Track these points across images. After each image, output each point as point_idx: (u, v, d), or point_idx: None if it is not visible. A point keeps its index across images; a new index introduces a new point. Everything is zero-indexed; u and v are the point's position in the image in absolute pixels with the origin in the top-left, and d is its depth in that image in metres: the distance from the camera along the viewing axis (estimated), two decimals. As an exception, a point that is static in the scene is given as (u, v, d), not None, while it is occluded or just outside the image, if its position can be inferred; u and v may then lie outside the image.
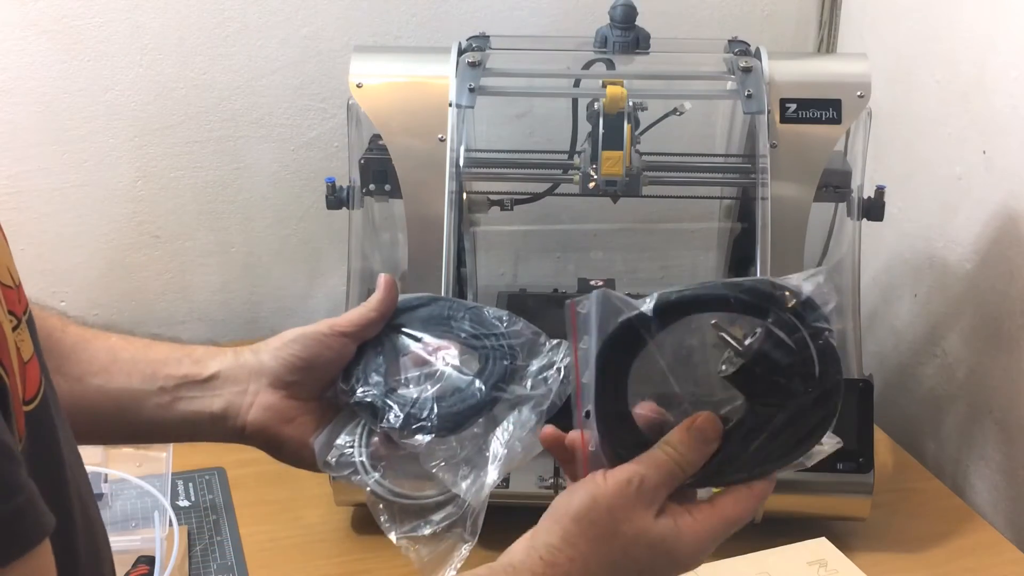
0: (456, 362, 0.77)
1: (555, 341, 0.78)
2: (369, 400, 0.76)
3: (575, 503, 0.64)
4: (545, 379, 0.77)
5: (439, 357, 0.78)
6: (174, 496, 1.16)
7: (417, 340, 0.79)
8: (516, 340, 0.78)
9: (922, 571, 1.09)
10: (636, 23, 1.21)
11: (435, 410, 0.74)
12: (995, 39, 1.22)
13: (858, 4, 1.51)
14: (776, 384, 0.63)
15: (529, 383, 0.76)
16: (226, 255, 1.52)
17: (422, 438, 0.74)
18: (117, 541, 1.02)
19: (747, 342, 0.64)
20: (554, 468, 1.11)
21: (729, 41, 1.26)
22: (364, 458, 0.76)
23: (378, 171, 1.15)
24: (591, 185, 1.13)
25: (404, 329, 0.80)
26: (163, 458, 1.12)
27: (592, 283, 1.39)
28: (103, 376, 0.77)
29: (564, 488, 0.68)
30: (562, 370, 0.76)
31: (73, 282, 1.47)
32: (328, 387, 0.79)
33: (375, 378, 0.78)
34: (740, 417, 0.65)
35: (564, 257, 1.56)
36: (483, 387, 0.75)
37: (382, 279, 0.80)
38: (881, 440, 1.29)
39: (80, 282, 1.47)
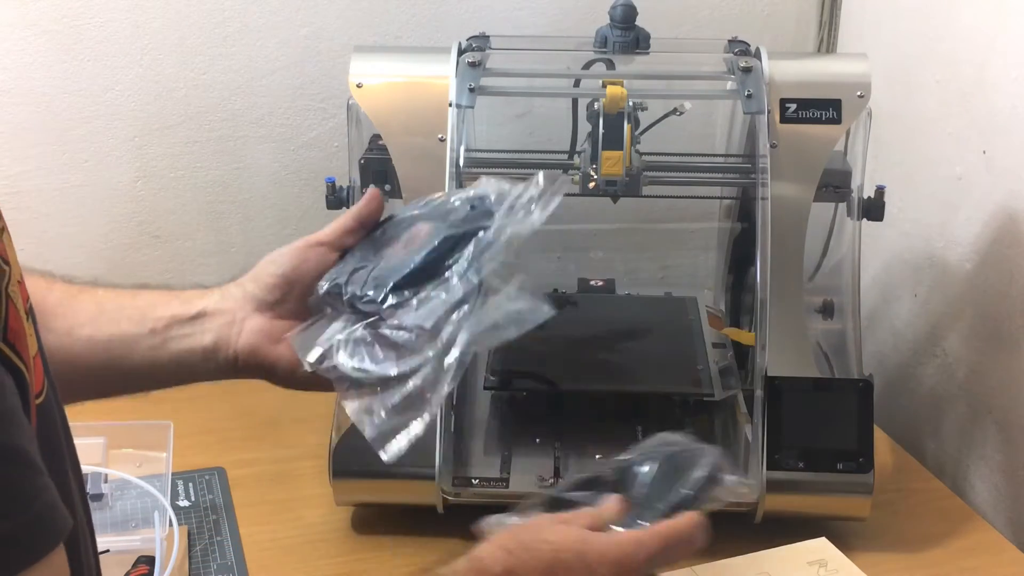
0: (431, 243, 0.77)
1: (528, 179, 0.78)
2: (333, 284, 0.77)
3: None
4: (513, 210, 0.77)
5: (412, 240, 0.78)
6: (174, 496, 1.16)
7: (397, 236, 0.80)
8: (485, 191, 0.79)
9: (922, 571, 1.09)
10: (636, 23, 1.21)
11: (392, 278, 0.75)
12: (995, 39, 1.22)
13: (858, 4, 1.51)
14: None
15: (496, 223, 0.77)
16: (226, 255, 1.51)
17: (374, 294, 0.74)
18: (117, 541, 1.03)
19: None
20: (554, 468, 1.12)
21: (729, 41, 1.26)
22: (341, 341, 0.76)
23: (378, 171, 1.15)
24: (591, 185, 1.13)
25: (384, 226, 0.81)
26: (163, 458, 1.12)
27: (592, 283, 1.40)
28: (91, 327, 0.78)
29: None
30: (532, 199, 0.77)
31: (73, 282, 1.47)
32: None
33: (343, 268, 0.79)
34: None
35: (564, 257, 1.56)
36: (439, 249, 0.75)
37: (369, 190, 0.83)
38: (881, 440, 1.29)
39: (80, 282, 1.47)
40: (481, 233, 0.77)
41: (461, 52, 1.17)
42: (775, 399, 1.08)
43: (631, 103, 1.12)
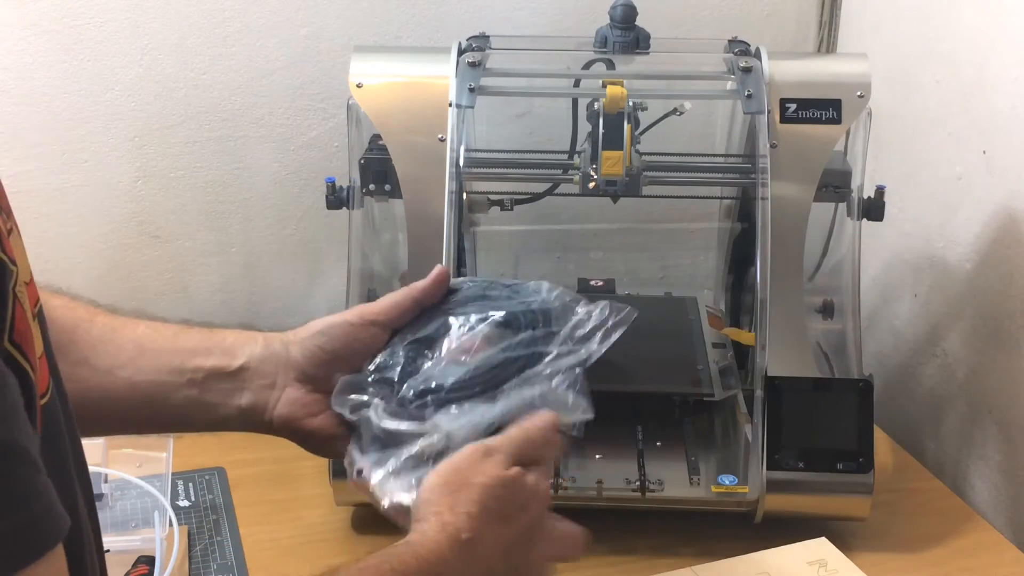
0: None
1: (594, 303, 0.79)
2: (382, 376, 0.76)
3: (428, 481, 0.69)
4: (572, 338, 0.77)
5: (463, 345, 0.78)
6: (174, 496, 1.16)
7: (447, 328, 0.79)
8: (550, 306, 0.79)
9: (922, 571, 1.09)
10: (636, 23, 1.21)
11: (444, 390, 0.75)
12: (995, 39, 1.22)
13: (858, 4, 1.51)
14: None
15: (556, 348, 0.77)
16: (226, 255, 1.51)
17: (423, 403, 0.74)
18: (117, 541, 1.03)
19: None
20: (554, 468, 1.12)
21: (729, 41, 1.26)
22: (379, 403, 0.76)
23: (378, 171, 1.15)
24: (591, 185, 1.13)
25: (436, 312, 0.80)
26: (163, 458, 1.12)
27: (592, 283, 1.39)
28: (131, 368, 0.77)
29: (564, 488, 0.70)
30: (593, 328, 0.78)
31: (73, 282, 1.47)
32: None
33: (393, 354, 0.78)
34: None
35: (564, 257, 1.56)
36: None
37: (437, 270, 0.81)
38: (881, 440, 1.29)
39: (80, 282, 1.47)
40: (539, 365, 0.77)
41: (461, 52, 1.17)
42: (775, 399, 1.08)
43: (631, 103, 1.12)
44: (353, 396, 0.77)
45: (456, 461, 0.70)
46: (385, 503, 0.72)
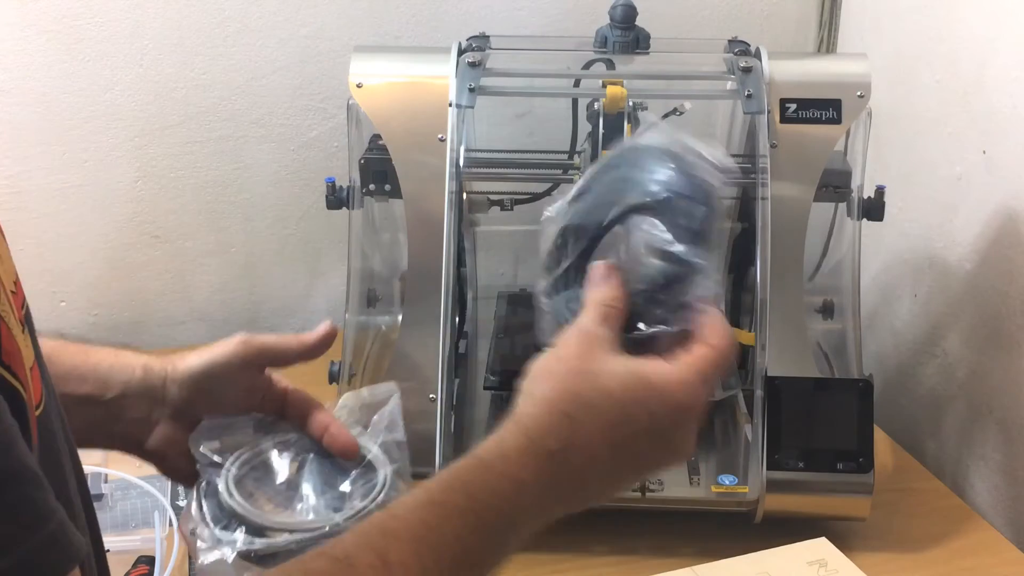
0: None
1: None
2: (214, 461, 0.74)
3: (529, 371, 0.62)
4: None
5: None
6: (174, 496, 1.16)
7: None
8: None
9: (922, 571, 1.09)
10: (636, 23, 1.21)
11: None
12: (995, 39, 1.22)
13: (858, 4, 1.51)
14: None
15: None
16: (226, 255, 1.52)
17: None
18: (117, 541, 1.03)
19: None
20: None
21: (729, 41, 1.26)
22: (231, 472, 0.73)
23: (378, 171, 1.15)
24: (591, 185, 1.13)
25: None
26: (163, 458, 1.12)
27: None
28: None
29: None
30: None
31: (73, 282, 1.47)
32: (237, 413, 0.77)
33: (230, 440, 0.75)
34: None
35: (564, 257, 1.56)
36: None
37: (325, 327, 0.78)
38: (881, 440, 1.29)
39: (80, 282, 1.47)
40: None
41: (461, 52, 1.17)
42: (775, 399, 1.08)
43: (631, 103, 1.12)
44: (207, 448, 0.75)
45: (558, 352, 0.62)
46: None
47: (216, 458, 0.74)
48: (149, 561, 1.00)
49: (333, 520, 0.70)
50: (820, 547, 1.04)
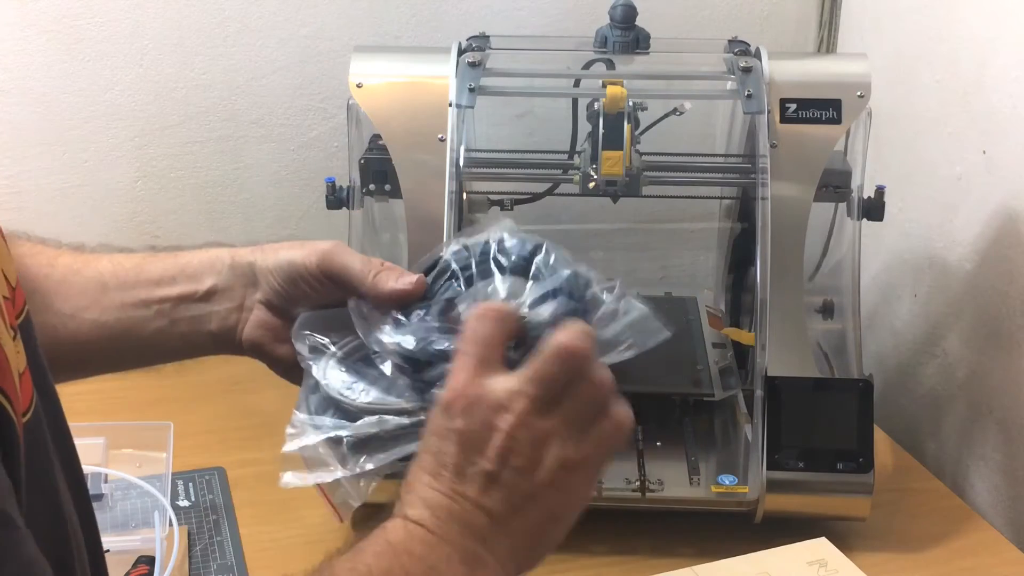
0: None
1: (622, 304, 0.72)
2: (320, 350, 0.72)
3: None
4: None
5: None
6: (174, 496, 1.16)
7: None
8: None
9: (922, 571, 1.09)
10: (636, 23, 1.21)
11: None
12: (995, 39, 1.22)
13: (858, 4, 1.51)
14: None
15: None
16: (226, 255, 1.51)
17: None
18: (117, 541, 1.03)
19: None
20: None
21: (729, 41, 1.26)
22: (333, 359, 0.72)
23: (378, 171, 1.15)
24: (591, 185, 1.13)
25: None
26: (163, 458, 1.12)
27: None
28: (95, 309, 0.75)
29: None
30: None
31: (73, 282, 1.47)
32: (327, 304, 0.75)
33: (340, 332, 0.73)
34: None
35: (564, 257, 1.56)
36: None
37: (418, 278, 0.73)
38: (881, 440, 1.29)
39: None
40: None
41: (461, 52, 1.17)
42: (775, 399, 1.08)
43: (631, 103, 1.12)
44: (311, 337, 0.73)
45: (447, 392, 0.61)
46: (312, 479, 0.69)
47: (318, 348, 0.72)
48: (149, 561, 1.00)
49: (420, 401, 0.67)
50: (820, 547, 1.04)
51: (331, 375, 0.71)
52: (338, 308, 0.74)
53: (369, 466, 0.69)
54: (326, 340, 0.73)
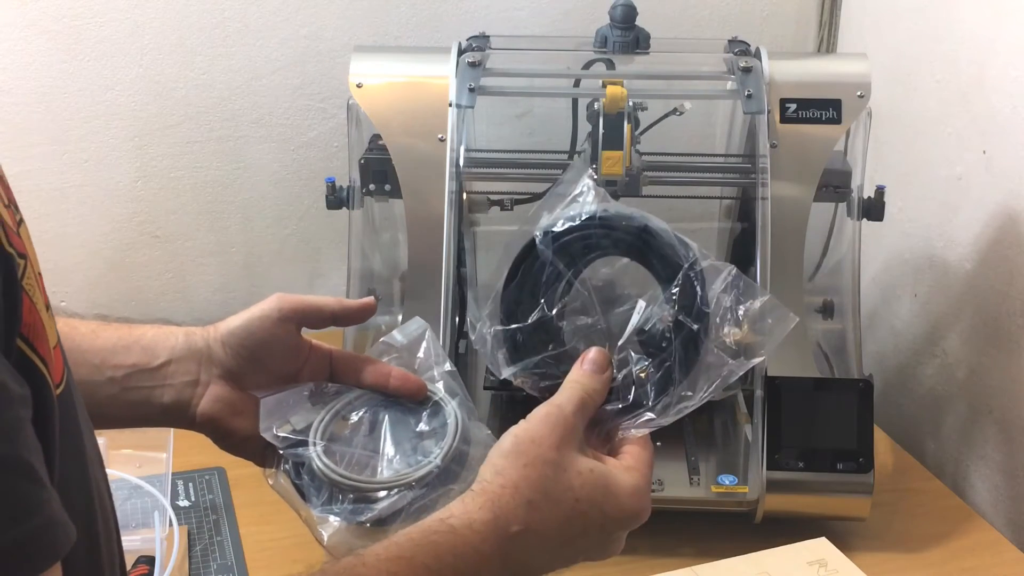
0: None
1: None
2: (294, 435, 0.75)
3: (501, 444, 0.67)
4: None
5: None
6: (174, 496, 1.16)
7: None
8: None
9: (922, 571, 1.09)
10: (636, 23, 1.21)
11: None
12: (995, 39, 1.22)
13: (858, 4, 1.51)
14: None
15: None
16: (226, 255, 1.52)
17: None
18: (117, 541, 1.03)
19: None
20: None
21: (729, 41, 1.26)
22: (318, 447, 0.74)
23: (378, 171, 1.15)
24: (591, 185, 1.13)
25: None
26: (163, 458, 1.12)
27: (592, 283, 1.39)
28: None
29: None
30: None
31: (73, 282, 1.47)
32: (283, 378, 0.78)
33: (303, 412, 0.76)
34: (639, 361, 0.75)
35: (564, 257, 1.56)
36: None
37: (368, 299, 0.81)
38: (881, 440, 1.29)
39: (80, 282, 1.47)
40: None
41: (461, 52, 1.17)
42: (775, 399, 1.08)
43: (631, 103, 1.12)
44: (283, 431, 0.76)
45: (531, 430, 0.67)
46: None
47: (297, 437, 0.75)
48: (149, 561, 1.00)
49: (429, 464, 0.72)
50: (820, 547, 1.04)
51: (327, 461, 0.74)
52: (285, 391, 0.78)
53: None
54: (300, 435, 0.76)
